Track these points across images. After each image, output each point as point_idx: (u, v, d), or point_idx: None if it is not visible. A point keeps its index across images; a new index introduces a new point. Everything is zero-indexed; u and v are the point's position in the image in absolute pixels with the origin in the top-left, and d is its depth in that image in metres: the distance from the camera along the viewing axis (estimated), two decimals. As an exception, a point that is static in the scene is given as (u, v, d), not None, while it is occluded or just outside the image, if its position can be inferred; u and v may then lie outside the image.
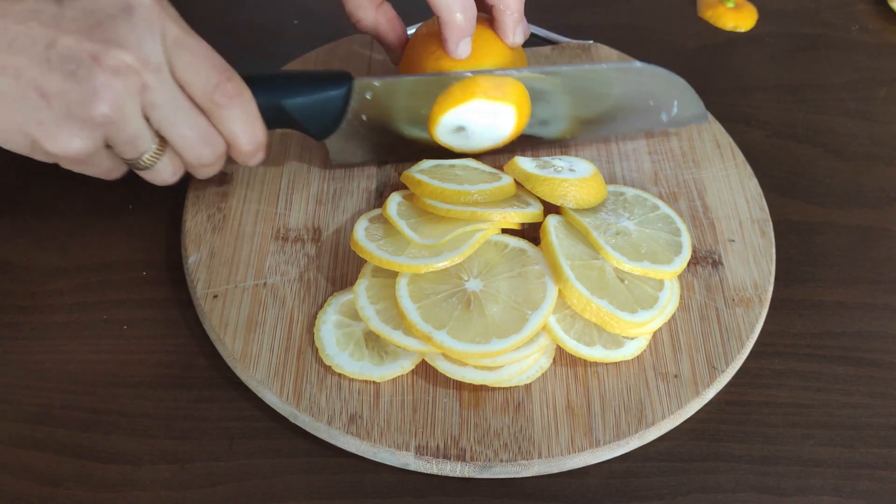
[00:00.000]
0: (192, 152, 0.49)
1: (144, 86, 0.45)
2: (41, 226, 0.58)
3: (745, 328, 0.53)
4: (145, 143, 0.47)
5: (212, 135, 0.49)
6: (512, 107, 0.56)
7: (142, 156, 0.48)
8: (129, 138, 0.47)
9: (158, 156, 0.49)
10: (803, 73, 0.74)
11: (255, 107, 0.50)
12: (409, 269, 0.50)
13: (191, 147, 0.49)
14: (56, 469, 0.47)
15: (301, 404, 0.48)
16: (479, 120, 0.56)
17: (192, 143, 0.48)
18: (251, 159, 0.52)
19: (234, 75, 0.48)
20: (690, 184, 0.61)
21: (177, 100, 0.47)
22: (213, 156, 0.50)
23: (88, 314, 0.54)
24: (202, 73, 0.47)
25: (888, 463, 0.49)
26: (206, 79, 0.47)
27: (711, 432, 0.50)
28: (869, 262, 0.59)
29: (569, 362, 0.51)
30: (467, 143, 0.58)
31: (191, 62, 0.46)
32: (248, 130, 0.50)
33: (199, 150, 0.49)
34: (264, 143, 0.52)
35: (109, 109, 0.44)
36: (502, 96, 0.55)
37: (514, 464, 0.47)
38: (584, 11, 0.78)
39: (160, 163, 0.49)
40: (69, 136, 0.45)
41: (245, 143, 0.50)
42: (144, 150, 0.48)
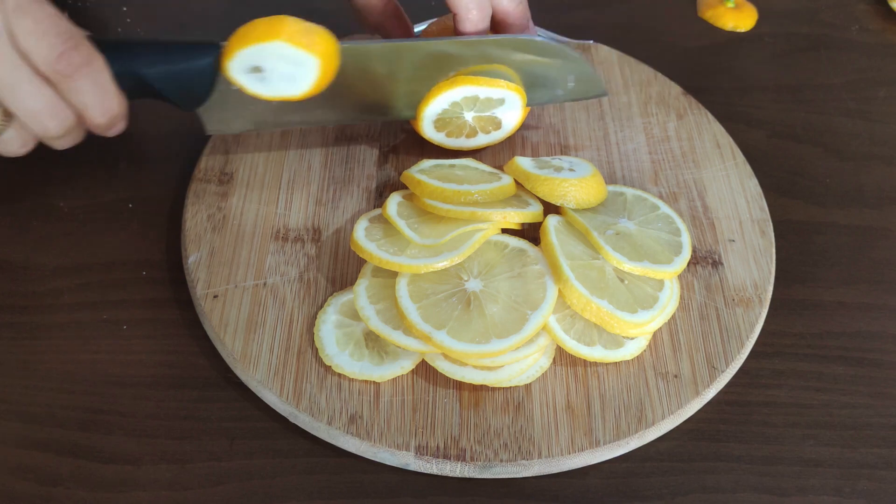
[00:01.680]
0: (37, 125, 0.47)
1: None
2: (41, 226, 0.58)
3: (745, 328, 0.53)
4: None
5: (58, 106, 0.46)
6: (317, 59, 0.51)
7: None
8: None
9: (2, 128, 0.47)
10: (803, 73, 0.74)
11: (107, 76, 0.47)
12: (409, 269, 0.50)
13: (36, 119, 0.46)
14: (56, 469, 0.47)
15: (301, 404, 0.48)
16: (279, 65, 0.51)
17: (37, 115, 0.46)
18: (107, 131, 0.49)
19: (82, 42, 0.45)
20: (690, 184, 0.61)
21: (17, 69, 0.44)
22: (61, 128, 0.47)
23: (88, 314, 0.54)
24: (45, 40, 0.44)
25: (888, 463, 0.49)
26: (50, 46, 0.44)
27: (711, 432, 0.50)
28: (869, 262, 0.59)
29: (569, 362, 0.51)
30: (261, 87, 0.52)
31: (33, 29, 0.44)
32: (99, 102, 0.47)
33: (45, 123, 0.46)
34: (121, 115, 0.49)
35: None
36: (308, 45, 0.50)
37: (515, 464, 0.47)
38: (584, 11, 0.78)
39: (5, 134, 0.47)
40: None
41: (97, 115, 0.48)
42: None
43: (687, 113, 0.66)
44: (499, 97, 0.57)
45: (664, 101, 0.67)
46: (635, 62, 0.70)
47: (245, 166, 0.60)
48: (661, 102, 0.67)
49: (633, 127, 0.65)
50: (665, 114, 0.66)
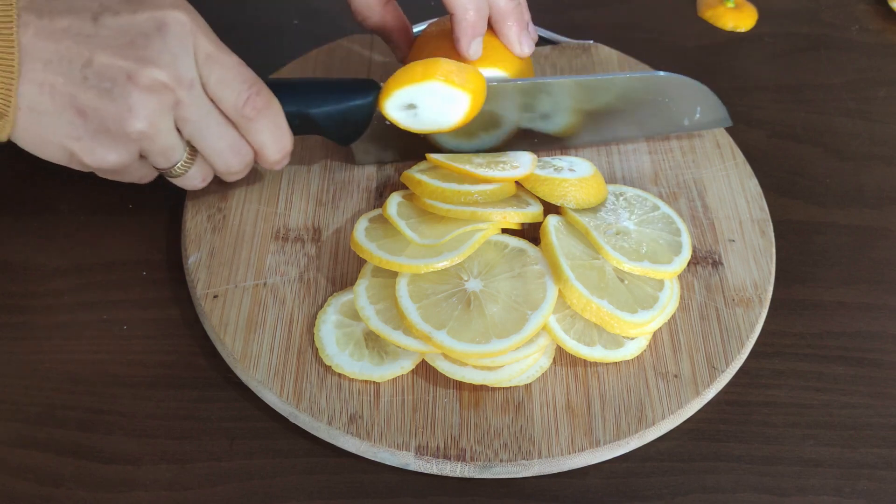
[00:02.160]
0: (221, 162, 0.51)
1: (177, 102, 0.47)
2: (41, 226, 0.58)
3: (745, 328, 0.53)
4: (177, 154, 0.49)
5: (241, 145, 0.51)
6: (468, 95, 0.55)
7: (174, 166, 0.50)
8: (162, 150, 0.48)
9: (189, 165, 0.51)
10: (803, 73, 0.74)
11: (283, 117, 0.52)
12: (409, 270, 0.50)
13: (221, 157, 0.50)
14: (56, 469, 0.47)
15: (301, 404, 0.48)
16: (433, 102, 0.55)
17: (222, 153, 0.50)
18: (277, 166, 0.54)
19: (264, 88, 0.50)
20: (690, 184, 0.61)
21: (208, 114, 0.48)
22: (242, 164, 0.52)
23: (88, 314, 0.54)
24: (233, 87, 0.48)
25: (888, 463, 0.49)
26: (237, 93, 0.48)
27: (711, 432, 0.50)
28: (869, 262, 0.59)
29: (569, 362, 0.51)
30: (413, 121, 0.56)
31: (222, 77, 0.48)
32: (275, 140, 0.52)
33: (228, 160, 0.51)
34: (290, 151, 0.53)
35: (144, 126, 0.46)
36: (461, 83, 0.54)
37: (515, 464, 0.47)
38: (584, 11, 0.78)
39: (191, 171, 0.51)
40: (105, 151, 0.46)
41: (273, 152, 0.52)
42: (177, 161, 0.50)
43: (687, 113, 0.66)
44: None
45: (664, 101, 0.67)
46: (635, 62, 0.70)
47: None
48: (661, 102, 0.66)
49: (633, 127, 0.65)
50: (665, 114, 0.66)
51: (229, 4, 0.76)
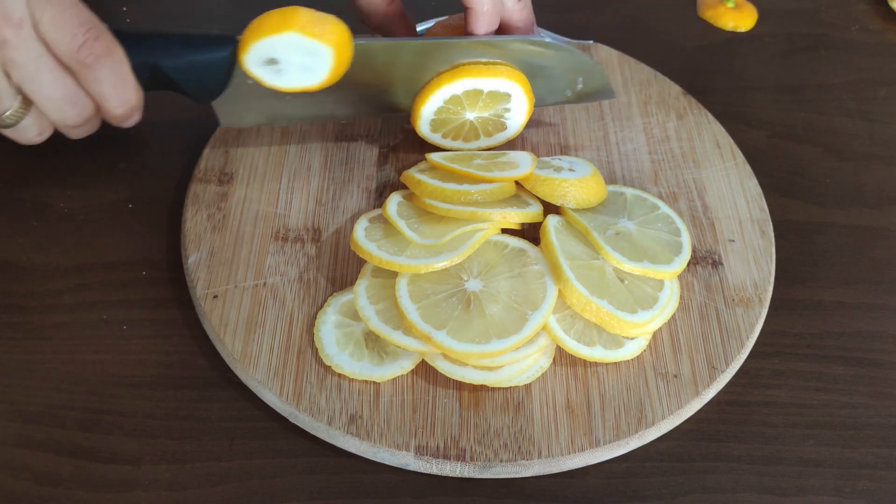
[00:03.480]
0: (56, 113, 0.47)
1: (3, 41, 0.43)
2: (41, 226, 0.58)
3: (745, 328, 0.53)
4: (6, 100, 0.46)
5: (78, 95, 0.47)
6: (331, 49, 0.51)
7: (3, 114, 0.46)
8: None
9: (21, 114, 0.47)
10: (803, 73, 0.74)
11: (126, 67, 0.47)
12: (408, 270, 0.50)
13: (55, 107, 0.47)
14: (56, 469, 0.47)
15: (301, 404, 0.48)
16: (294, 56, 0.51)
17: (57, 103, 0.46)
18: (124, 122, 0.50)
19: (104, 33, 0.46)
20: (690, 184, 0.61)
21: (39, 58, 0.44)
22: (80, 117, 0.48)
23: (88, 314, 0.54)
24: (67, 29, 0.44)
25: (888, 463, 0.49)
26: (72, 36, 0.44)
27: (711, 432, 0.50)
28: (869, 262, 0.59)
29: (569, 362, 0.51)
30: (276, 78, 0.53)
31: (55, 18, 0.44)
32: (118, 92, 0.47)
33: (64, 111, 0.47)
34: (138, 106, 0.49)
35: None
36: (320, 34, 0.50)
37: (514, 464, 0.47)
38: (584, 11, 0.78)
39: (24, 121, 0.47)
40: None
41: (115, 105, 0.48)
42: (6, 108, 0.46)
43: (687, 113, 0.66)
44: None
45: (664, 102, 0.67)
46: (635, 62, 0.70)
47: (245, 166, 0.60)
48: (661, 102, 0.67)
49: (633, 127, 0.65)
50: (665, 114, 0.66)
51: (229, 4, 0.76)
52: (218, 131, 0.62)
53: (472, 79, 0.55)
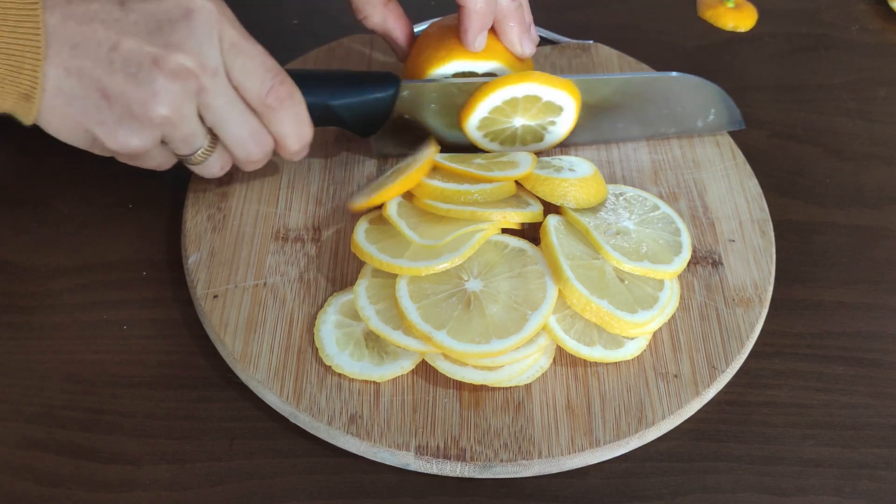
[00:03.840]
0: (242, 151, 0.51)
1: (201, 88, 0.47)
2: (41, 226, 0.58)
3: (745, 328, 0.53)
4: (199, 141, 0.50)
5: (262, 134, 0.51)
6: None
7: (195, 153, 0.50)
8: (184, 137, 0.48)
9: (210, 152, 0.51)
10: (803, 73, 0.74)
11: (304, 108, 0.52)
12: (409, 272, 0.50)
13: (242, 146, 0.51)
14: (56, 469, 0.47)
15: (301, 404, 0.48)
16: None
17: (244, 142, 0.50)
18: (296, 157, 0.54)
19: (287, 78, 0.50)
20: (690, 184, 0.61)
21: (231, 102, 0.48)
22: (262, 153, 0.52)
23: (88, 314, 0.54)
24: (256, 76, 0.48)
25: (888, 463, 0.49)
26: (261, 82, 0.49)
27: (711, 432, 0.50)
28: (869, 262, 0.59)
29: (569, 362, 0.51)
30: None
31: (245, 65, 0.48)
32: (296, 131, 0.52)
33: (248, 149, 0.51)
34: (310, 142, 0.53)
35: (168, 111, 0.46)
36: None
37: (515, 464, 0.47)
38: (584, 11, 0.78)
39: (211, 158, 0.51)
40: (128, 135, 0.47)
41: (293, 142, 0.52)
42: (198, 148, 0.50)
43: (687, 113, 0.66)
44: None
45: (664, 101, 0.67)
46: (635, 62, 0.70)
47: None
48: (661, 102, 0.66)
49: (633, 127, 0.65)
50: (665, 114, 0.66)
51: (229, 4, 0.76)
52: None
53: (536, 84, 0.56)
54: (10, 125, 0.48)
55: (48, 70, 0.44)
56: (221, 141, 0.50)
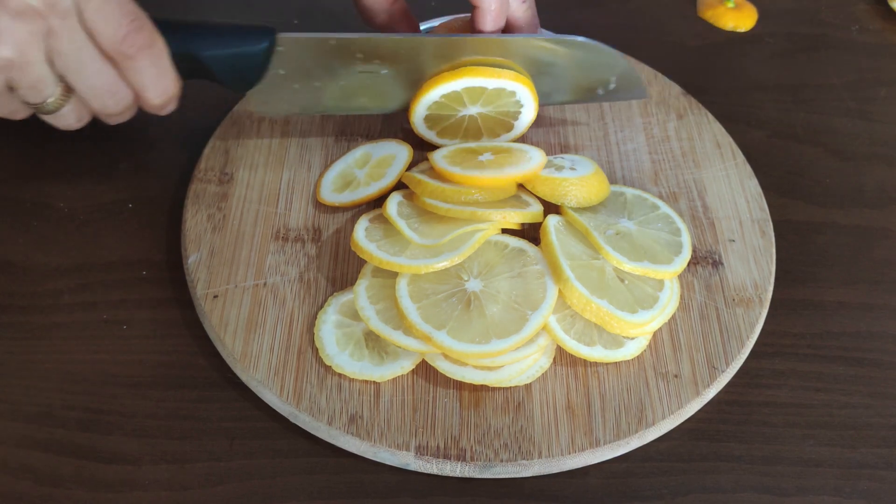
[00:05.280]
0: (97, 101, 0.48)
1: (49, 31, 0.43)
2: (41, 226, 0.58)
3: (745, 328, 0.53)
4: (49, 88, 0.46)
5: (118, 85, 0.47)
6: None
7: (45, 101, 0.47)
8: (31, 83, 0.45)
9: (63, 102, 0.47)
10: (803, 73, 0.74)
11: (167, 59, 0.48)
12: (409, 270, 0.50)
13: (96, 96, 0.47)
14: (56, 469, 0.47)
15: (301, 404, 0.48)
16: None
17: (98, 92, 0.47)
18: (161, 111, 0.50)
19: (146, 24, 0.46)
20: (690, 184, 0.61)
21: (83, 48, 0.45)
22: (120, 106, 0.48)
23: (88, 314, 0.54)
24: (111, 20, 0.45)
25: (888, 463, 0.49)
26: (115, 27, 0.45)
27: (711, 432, 0.50)
28: (869, 262, 0.59)
29: (569, 362, 0.51)
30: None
31: (101, 8, 0.44)
32: (157, 83, 0.48)
33: (104, 100, 0.48)
34: (175, 95, 0.50)
35: (10, 52, 0.43)
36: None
37: (515, 464, 0.47)
38: (584, 11, 0.78)
39: (64, 108, 0.48)
40: None
41: (154, 96, 0.49)
42: (48, 96, 0.46)
43: (687, 113, 0.66)
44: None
45: (664, 101, 0.67)
46: (635, 62, 0.70)
47: (245, 166, 0.60)
48: (661, 102, 0.67)
49: (633, 127, 0.65)
50: (665, 114, 0.66)
51: (229, 4, 0.76)
52: (218, 131, 0.62)
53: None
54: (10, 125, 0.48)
55: None
56: (75, 90, 0.47)
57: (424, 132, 0.59)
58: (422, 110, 0.57)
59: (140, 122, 0.51)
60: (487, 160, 0.55)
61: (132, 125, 0.51)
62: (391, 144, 0.60)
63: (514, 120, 0.59)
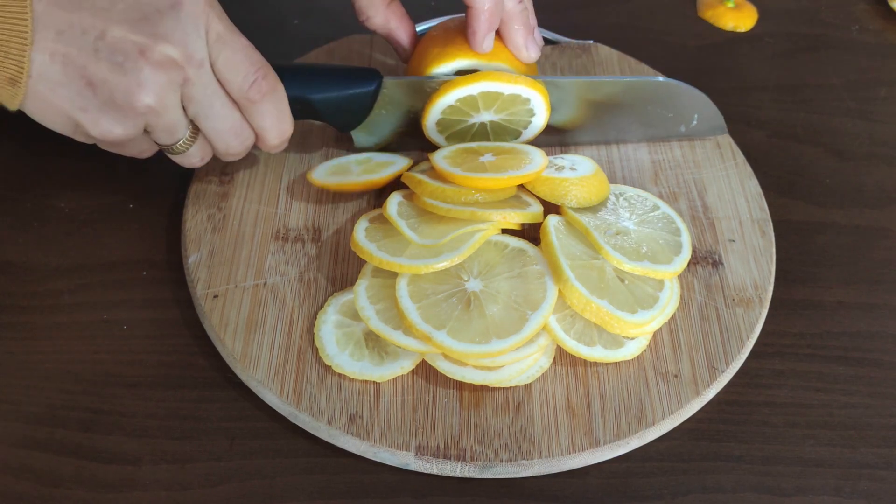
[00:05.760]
0: (222, 142, 0.51)
1: (186, 79, 0.47)
2: (41, 226, 0.58)
3: (745, 328, 0.53)
4: (181, 131, 0.50)
5: (243, 127, 0.51)
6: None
7: (176, 143, 0.50)
8: (166, 127, 0.49)
9: (191, 143, 0.51)
10: (803, 73, 0.74)
11: (286, 103, 0.52)
12: (409, 270, 0.50)
13: (222, 138, 0.51)
14: (56, 469, 0.47)
15: (301, 404, 0.48)
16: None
17: (224, 134, 0.51)
18: (275, 150, 0.54)
19: (270, 72, 0.50)
20: (690, 184, 0.61)
21: (214, 94, 0.49)
22: (242, 147, 0.52)
23: (88, 314, 0.54)
24: (240, 69, 0.49)
25: (888, 463, 0.49)
26: (244, 75, 0.49)
27: (711, 432, 0.50)
28: (869, 262, 0.59)
29: (569, 362, 0.51)
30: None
31: (230, 58, 0.48)
32: (277, 125, 0.52)
33: (229, 141, 0.51)
34: (289, 137, 0.54)
35: (152, 101, 0.46)
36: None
37: (515, 464, 0.47)
38: (584, 11, 0.78)
39: (192, 149, 0.51)
40: (111, 123, 0.47)
41: (273, 136, 0.53)
42: (179, 138, 0.50)
43: (687, 113, 0.66)
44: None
45: (664, 101, 0.67)
46: (635, 62, 0.70)
47: (245, 166, 0.60)
48: (661, 102, 0.66)
49: (633, 127, 0.65)
50: (665, 114, 0.66)
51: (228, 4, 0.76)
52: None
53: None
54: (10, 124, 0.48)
55: (34, 56, 0.45)
56: (202, 132, 0.51)
57: (434, 136, 0.59)
58: (436, 114, 0.57)
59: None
60: (488, 161, 0.55)
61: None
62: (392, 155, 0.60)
63: (523, 129, 0.59)
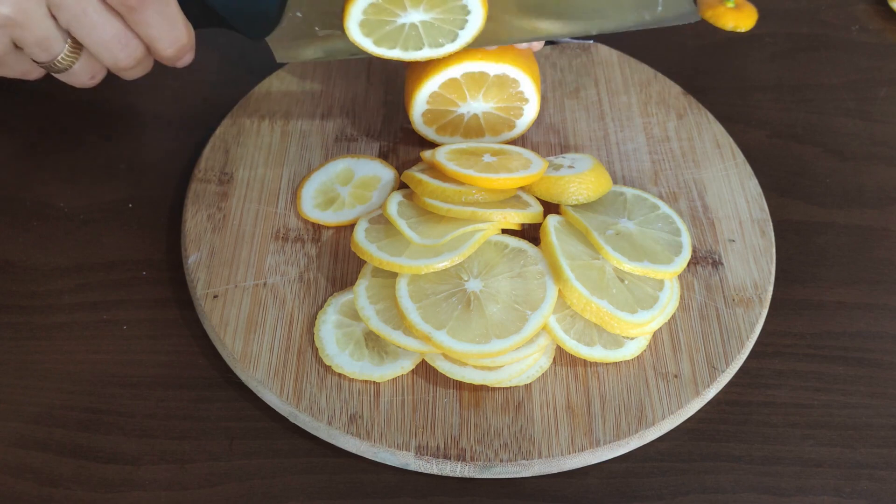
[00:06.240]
0: (107, 55, 0.47)
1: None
2: (41, 226, 0.58)
3: (745, 328, 0.53)
4: (56, 45, 0.45)
5: (127, 37, 0.46)
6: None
7: (54, 58, 0.46)
8: (37, 40, 0.44)
9: (73, 58, 0.47)
10: (803, 73, 0.74)
11: (174, 7, 0.47)
12: (409, 270, 0.50)
13: (105, 50, 0.46)
14: (56, 469, 0.47)
15: (301, 404, 0.48)
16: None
17: (107, 45, 0.46)
18: (176, 62, 0.49)
19: None
20: (690, 184, 0.61)
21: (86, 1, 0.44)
22: (132, 59, 0.47)
23: (88, 314, 0.54)
24: None
25: (888, 463, 0.49)
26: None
27: (711, 432, 0.50)
28: (869, 262, 0.59)
29: (569, 362, 0.51)
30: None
31: None
32: (168, 34, 0.47)
33: (114, 54, 0.47)
34: (189, 45, 0.49)
35: (9, 10, 0.42)
36: None
37: (515, 464, 0.47)
38: (584, 11, 0.78)
39: (76, 66, 0.47)
40: None
41: (165, 46, 0.48)
42: (56, 53, 0.46)
43: (687, 113, 0.66)
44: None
45: (664, 101, 0.67)
46: (635, 62, 0.70)
47: (245, 166, 0.60)
48: (661, 102, 0.67)
49: (633, 127, 0.65)
50: (665, 114, 0.66)
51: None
52: (218, 131, 0.62)
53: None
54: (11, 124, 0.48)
55: None
56: (85, 47, 0.46)
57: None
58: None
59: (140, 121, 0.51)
60: (490, 162, 0.55)
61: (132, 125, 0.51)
62: (374, 164, 0.59)
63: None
